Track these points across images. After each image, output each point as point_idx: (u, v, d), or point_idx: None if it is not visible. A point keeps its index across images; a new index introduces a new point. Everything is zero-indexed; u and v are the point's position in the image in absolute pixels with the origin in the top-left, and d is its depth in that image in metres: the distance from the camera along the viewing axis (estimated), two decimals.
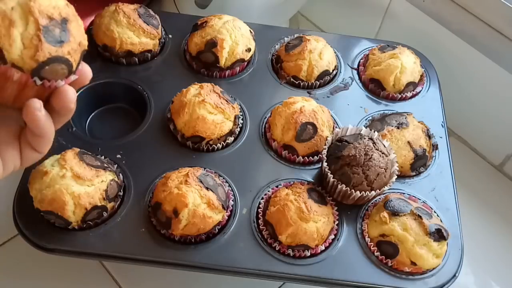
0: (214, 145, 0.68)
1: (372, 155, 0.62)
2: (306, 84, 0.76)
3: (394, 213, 0.60)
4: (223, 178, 0.65)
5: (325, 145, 0.65)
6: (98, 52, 0.76)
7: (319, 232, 0.60)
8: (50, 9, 0.37)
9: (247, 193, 0.65)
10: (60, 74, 0.39)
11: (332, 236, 0.62)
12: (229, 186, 0.65)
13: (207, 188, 0.60)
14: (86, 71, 0.43)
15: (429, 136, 0.71)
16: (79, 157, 0.60)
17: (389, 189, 0.64)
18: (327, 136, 0.67)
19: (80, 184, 0.58)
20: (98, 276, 0.69)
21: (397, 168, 0.64)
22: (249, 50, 0.76)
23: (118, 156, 0.67)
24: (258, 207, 0.64)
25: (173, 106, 0.69)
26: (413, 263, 0.59)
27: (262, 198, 0.64)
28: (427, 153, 0.69)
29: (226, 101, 0.68)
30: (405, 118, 0.70)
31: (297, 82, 0.76)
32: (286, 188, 0.64)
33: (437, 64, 0.82)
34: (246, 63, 0.78)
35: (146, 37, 0.75)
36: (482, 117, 0.86)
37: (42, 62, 0.37)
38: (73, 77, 0.41)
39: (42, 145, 0.43)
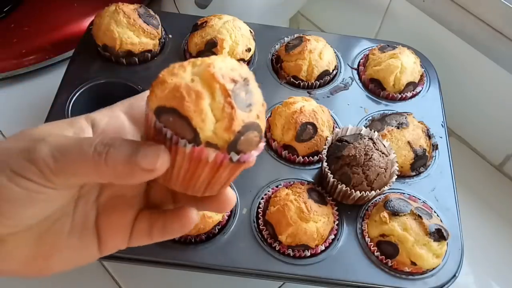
0: None
1: (372, 155, 0.62)
2: (306, 84, 0.76)
3: (394, 213, 0.60)
4: None
5: (325, 145, 0.65)
6: (98, 52, 0.76)
7: (319, 232, 0.60)
8: (230, 72, 0.32)
9: (247, 193, 0.65)
10: (254, 143, 0.33)
11: (332, 236, 0.62)
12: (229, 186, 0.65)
13: None
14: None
15: (429, 136, 0.71)
16: None
17: (389, 189, 0.64)
18: (327, 136, 0.67)
19: None
20: (98, 276, 0.69)
21: (397, 168, 0.64)
22: (249, 50, 0.76)
23: None
24: (258, 207, 0.64)
25: None
26: (413, 263, 0.59)
27: (262, 198, 0.64)
28: (427, 153, 0.69)
29: None
30: (405, 118, 0.70)
31: (297, 82, 0.76)
32: (286, 188, 0.64)
33: (437, 64, 0.82)
34: (246, 63, 0.78)
35: (146, 37, 0.75)
36: (482, 117, 0.86)
37: (238, 133, 0.31)
38: (261, 145, 0.34)
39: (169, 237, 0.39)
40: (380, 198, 0.65)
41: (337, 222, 0.63)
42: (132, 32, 0.73)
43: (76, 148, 0.30)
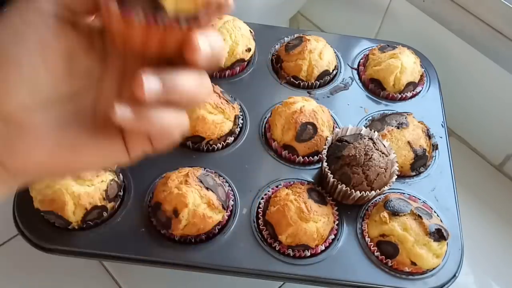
0: (214, 145, 0.68)
1: (372, 155, 0.62)
2: (306, 84, 0.76)
3: (394, 213, 0.60)
4: (223, 178, 0.65)
5: (325, 145, 0.65)
6: None
7: (319, 232, 0.60)
8: None
9: (247, 193, 0.65)
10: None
11: (332, 236, 0.62)
12: (229, 186, 0.65)
13: (207, 188, 0.60)
14: None
15: (429, 136, 0.71)
16: None
17: (389, 189, 0.64)
18: (327, 136, 0.67)
19: (80, 184, 0.58)
20: (98, 276, 0.69)
21: (397, 168, 0.64)
22: (249, 50, 0.76)
23: None
24: (258, 207, 0.64)
25: None
26: (413, 263, 0.59)
27: (262, 198, 0.64)
28: (427, 153, 0.69)
29: (226, 101, 0.68)
30: (405, 118, 0.70)
31: (297, 82, 0.76)
32: (286, 188, 0.64)
33: (437, 64, 0.82)
34: (246, 63, 0.78)
35: None
36: (482, 117, 0.86)
37: None
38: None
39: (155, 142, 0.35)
40: (380, 198, 0.65)
41: (337, 222, 0.63)
42: None
43: None
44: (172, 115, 0.33)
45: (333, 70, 0.78)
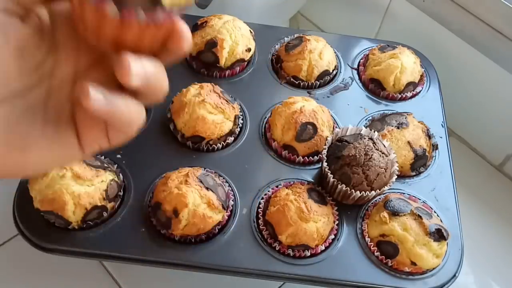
0: (214, 145, 0.68)
1: (372, 155, 0.62)
2: (306, 84, 0.76)
3: (394, 213, 0.60)
4: (223, 178, 0.65)
5: (325, 145, 0.65)
6: None
7: (319, 232, 0.60)
8: None
9: (247, 193, 0.65)
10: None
11: (332, 236, 0.62)
12: (229, 186, 0.65)
13: (207, 188, 0.60)
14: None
15: (429, 136, 0.71)
16: None
17: (389, 189, 0.64)
18: (327, 136, 0.67)
19: (80, 184, 0.58)
20: (98, 276, 0.69)
21: (397, 168, 0.64)
22: (249, 50, 0.76)
23: (118, 156, 0.67)
24: (258, 207, 0.64)
25: (173, 106, 0.69)
26: (413, 263, 0.59)
27: (262, 198, 0.64)
28: (427, 153, 0.69)
29: (226, 101, 0.68)
30: (405, 118, 0.70)
31: (297, 82, 0.76)
32: (286, 188, 0.64)
33: (437, 64, 0.82)
34: (246, 63, 0.78)
35: None
36: (482, 117, 0.86)
37: None
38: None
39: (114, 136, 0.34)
40: (380, 198, 0.65)
41: (337, 222, 0.63)
42: None
43: None
44: (135, 105, 0.32)
45: (333, 70, 0.78)
